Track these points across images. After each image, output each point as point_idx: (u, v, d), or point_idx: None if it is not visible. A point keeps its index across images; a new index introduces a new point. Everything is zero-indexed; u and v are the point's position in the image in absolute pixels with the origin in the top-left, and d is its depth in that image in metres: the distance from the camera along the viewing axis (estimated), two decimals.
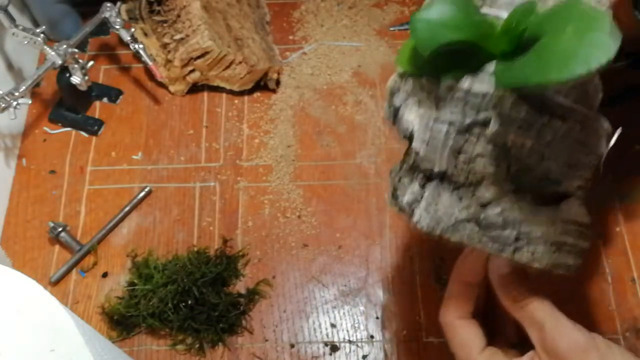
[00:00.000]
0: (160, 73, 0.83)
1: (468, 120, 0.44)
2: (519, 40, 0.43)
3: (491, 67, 0.44)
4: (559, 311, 0.47)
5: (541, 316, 0.46)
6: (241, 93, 0.85)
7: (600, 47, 0.37)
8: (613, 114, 0.84)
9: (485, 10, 0.47)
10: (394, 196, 0.50)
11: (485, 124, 0.44)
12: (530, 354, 0.47)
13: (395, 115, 0.49)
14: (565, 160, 0.45)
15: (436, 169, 0.46)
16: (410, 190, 0.48)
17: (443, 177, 0.46)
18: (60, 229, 0.73)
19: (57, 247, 0.75)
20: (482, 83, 0.44)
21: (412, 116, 0.46)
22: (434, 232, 0.46)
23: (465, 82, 0.44)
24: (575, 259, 0.47)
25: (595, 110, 0.46)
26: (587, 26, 0.38)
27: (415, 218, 0.47)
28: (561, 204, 0.46)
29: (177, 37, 0.81)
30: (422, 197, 0.47)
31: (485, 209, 0.45)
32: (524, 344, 0.48)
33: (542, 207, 0.45)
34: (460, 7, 0.44)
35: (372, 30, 0.90)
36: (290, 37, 0.90)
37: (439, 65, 0.44)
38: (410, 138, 0.47)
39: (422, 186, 0.47)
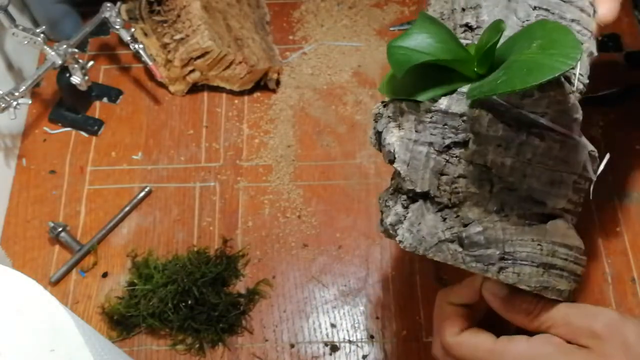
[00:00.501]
0: (160, 73, 0.83)
1: (447, 141, 0.45)
2: (491, 63, 0.44)
3: (466, 88, 0.45)
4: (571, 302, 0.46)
5: (562, 313, 0.45)
6: (241, 93, 0.85)
7: (563, 57, 0.39)
8: (613, 114, 0.84)
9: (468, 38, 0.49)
10: (381, 221, 0.50)
11: (464, 144, 0.45)
12: (544, 336, 0.45)
13: (379, 141, 0.50)
14: (547, 179, 0.45)
15: (418, 190, 0.46)
16: (393, 212, 0.48)
17: (426, 198, 0.47)
18: (60, 229, 0.73)
19: (57, 247, 0.75)
20: (458, 103, 0.45)
21: (393, 139, 0.47)
22: (417, 251, 0.47)
23: (443, 103, 0.45)
24: (568, 284, 0.46)
25: (576, 132, 0.46)
26: (550, 42, 0.40)
27: (399, 238, 0.47)
28: (547, 224, 0.46)
29: (177, 37, 0.81)
30: (405, 218, 0.47)
31: (467, 228, 0.45)
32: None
33: (528, 228, 0.46)
34: (435, 34, 0.45)
35: (372, 30, 0.90)
36: (290, 37, 0.91)
37: (417, 90, 0.46)
38: (392, 161, 0.47)
39: (406, 207, 0.48)
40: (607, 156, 0.48)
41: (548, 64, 0.39)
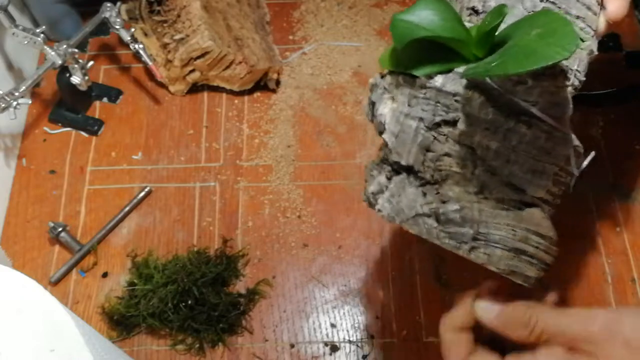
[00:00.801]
0: (160, 73, 0.83)
1: (437, 119, 0.46)
2: (490, 46, 0.44)
3: (462, 68, 0.45)
4: (560, 308, 0.46)
5: (556, 323, 0.45)
6: (241, 93, 0.85)
7: (559, 47, 0.39)
8: (613, 114, 0.84)
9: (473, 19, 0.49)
10: (365, 190, 0.51)
11: (454, 123, 0.45)
12: (547, 349, 0.45)
13: (372, 111, 0.50)
14: (529, 167, 0.46)
15: (403, 162, 0.47)
16: (377, 181, 0.49)
17: (410, 172, 0.48)
18: (60, 229, 0.73)
19: (57, 247, 0.75)
20: (453, 82, 0.45)
21: (386, 110, 0.48)
22: (393, 221, 0.47)
23: (438, 80, 0.46)
24: (536, 272, 0.47)
25: (565, 126, 0.46)
26: (549, 31, 0.40)
27: (378, 207, 0.48)
28: (523, 211, 0.47)
29: (177, 37, 0.81)
30: (387, 188, 0.48)
31: (445, 205, 0.46)
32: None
33: (504, 212, 0.46)
34: (440, 13, 0.46)
35: (372, 30, 0.90)
36: (290, 37, 0.90)
37: (415, 65, 0.46)
38: (382, 132, 0.48)
39: (389, 178, 0.49)
40: (592, 154, 0.48)
41: (543, 52, 0.39)
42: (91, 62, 0.82)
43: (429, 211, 0.47)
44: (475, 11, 0.49)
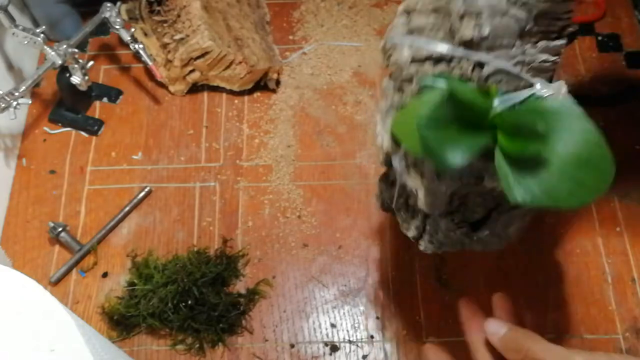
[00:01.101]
0: (160, 73, 0.83)
1: (460, 185, 0.51)
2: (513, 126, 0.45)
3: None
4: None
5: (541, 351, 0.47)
6: (241, 93, 0.85)
7: (601, 181, 0.42)
8: (613, 114, 0.84)
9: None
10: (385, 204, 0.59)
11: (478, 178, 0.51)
12: None
13: (388, 164, 0.55)
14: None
15: (437, 213, 0.53)
16: (413, 227, 0.56)
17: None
18: (60, 229, 0.73)
19: (57, 247, 0.75)
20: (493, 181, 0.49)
21: (417, 183, 0.52)
22: (438, 252, 0.56)
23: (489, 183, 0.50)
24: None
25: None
26: (590, 160, 0.42)
27: (422, 248, 0.56)
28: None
29: (177, 37, 0.81)
30: (424, 231, 0.55)
31: (478, 233, 0.55)
32: None
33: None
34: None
35: (372, 30, 0.90)
36: (290, 37, 0.91)
37: (443, 148, 0.46)
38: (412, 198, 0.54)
39: (423, 221, 0.55)
40: None
41: (587, 186, 0.42)
42: (91, 62, 0.82)
43: (461, 235, 0.55)
44: (469, 41, 0.47)
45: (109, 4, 0.80)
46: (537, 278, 0.71)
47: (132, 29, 0.81)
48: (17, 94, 0.74)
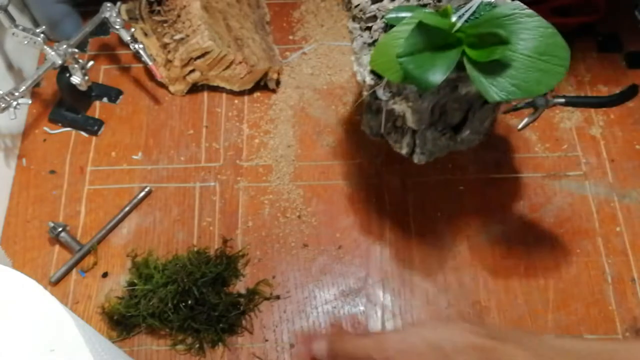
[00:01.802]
0: (160, 73, 0.83)
1: (439, 97, 0.58)
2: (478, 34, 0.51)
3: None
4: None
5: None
6: (241, 93, 0.85)
7: (560, 65, 0.49)
8: (613, 114, 0.84)
9: None
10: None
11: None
12: None
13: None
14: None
15: (423, 127, 0.61)
16: (405, 143, 0.63)
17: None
18: (60, 229, 0.73)
19: (57, 247, 0.75)
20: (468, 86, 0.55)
21: (403, 107, 0.58)
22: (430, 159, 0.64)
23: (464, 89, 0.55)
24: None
25: None
26: (547, 47, 0.49)
27: (415, 161, 0.64)
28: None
29: (177, 37, 0.81)
30: (415, 145, 0.63)
31: (461, 134, 0.64)
32: None
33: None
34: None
35: None
36: (290, 37, 0.90)
37: (421, 72, 0.52)
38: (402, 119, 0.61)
39: (412, 136, 0.62)
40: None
41: (553, 72, 0.47)
42: (91, 62, 0.82)
43: (446, 141, 0.63)
44: None
45: (109, 4, 0.80)
46: (537, 278, 0.71)
47: (132, 29, 0.81)
48: (17, 94, 0.74)
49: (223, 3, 0.85)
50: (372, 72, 0.58)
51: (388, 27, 0.57)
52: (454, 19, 0.52)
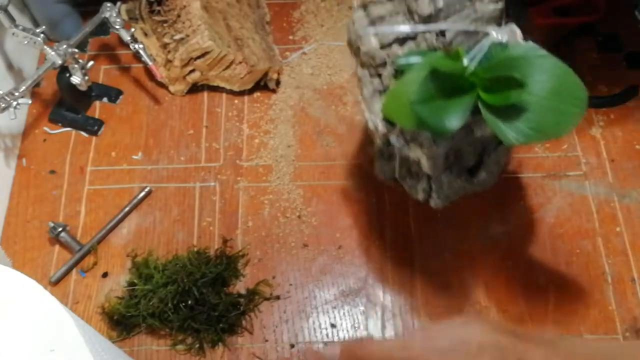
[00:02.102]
0: (160, 73, 0.83)
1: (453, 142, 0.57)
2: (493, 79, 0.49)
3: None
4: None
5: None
6: (241, 93, 0.85)
7: (577, 107, 0.47)
8: (613, 114, 0.84)
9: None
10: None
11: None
12: None
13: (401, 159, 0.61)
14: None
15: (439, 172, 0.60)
16: (421, 189, 0.60)
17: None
18: (60, 229, 0.73)
19: (57, 247, 0.75)
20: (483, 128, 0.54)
21: (417, 153, 0.57)
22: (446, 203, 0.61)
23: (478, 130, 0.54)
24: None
25: None
26: (564, 87, 0.47)
27: (433, 205, 0.61)
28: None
29: (177, 37, 0.81)
30: (431, 189, 0.60)
31: (478, 176, 0.62)
32: None
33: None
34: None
35: None
36: (290, 37, 0.90)
37: (434, 118, 0.50)
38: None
39: (428, 182, 0.60)
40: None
41: (568, 113, 0.46)
42: (91, 62, 0.82)
43: (462, 182, 0.61)
44: (427, 16, 0.52)
45: (109, 4, 0.80)
46: (537, 278, 0.71)
47: (132, 29, 0.81)
48: (17, 94, 0.74)
49: (223, 3, 0.85)
50: (385, 119, 0.57)
51: (398, 72, 0.55)
52: (465, 61, 0.50)
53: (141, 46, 0.81)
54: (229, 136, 0.82)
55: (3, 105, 0.73)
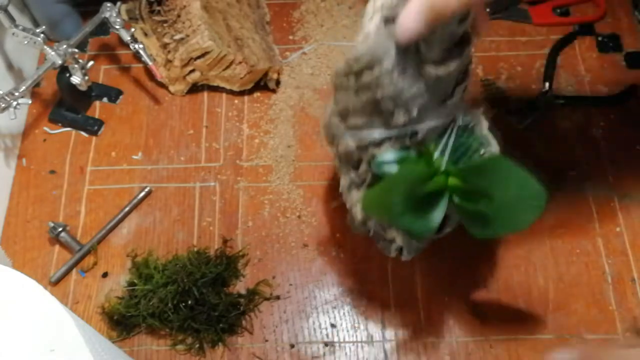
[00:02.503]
0: (160, 73, 0.83)
1: None
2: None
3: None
4: None
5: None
6: (241, 93, 0.85)
7: (536, 208, 0.52)
8: (613, 114, 0.84)
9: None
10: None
11: None
12: None
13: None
14: None
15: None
16: (394, 248, 0.62)
17: None
18: (60, 229, 0.73)
19: (57, 247, 0.75)
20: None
21: (393, 235, 0.60)
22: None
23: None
24: None
25: None
26: (524, 191, 0.52)
27: (404, 259, 0.62)
28: None
29: (177, 37, 0.81)
30: (401, 250, 0.62)
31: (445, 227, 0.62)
32: None
33: None
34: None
35: None
36: (290, 37, 0.90)
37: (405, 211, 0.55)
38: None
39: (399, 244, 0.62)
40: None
41: (528, 213, 0.52)
42: (91, 62, 0.82)
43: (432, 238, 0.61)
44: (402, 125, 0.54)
45: (109, 4, 0.80)
46: (537, 278, 0.71)
47: (132, 29, 0.81)
48: (17, 94, 0.74)
49: (223, 3, 0.85)
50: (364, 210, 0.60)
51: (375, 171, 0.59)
52: (436, 155, 0.54)
53: (141, 46, 0.81)
54: (229, 136, 0.82)
55: (3, 105, 0.73)
